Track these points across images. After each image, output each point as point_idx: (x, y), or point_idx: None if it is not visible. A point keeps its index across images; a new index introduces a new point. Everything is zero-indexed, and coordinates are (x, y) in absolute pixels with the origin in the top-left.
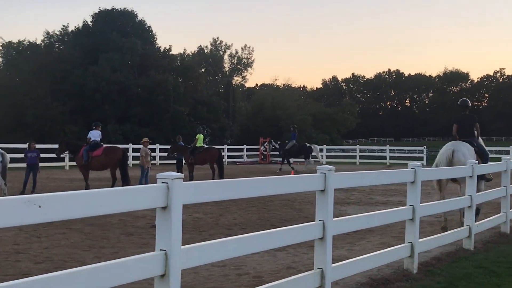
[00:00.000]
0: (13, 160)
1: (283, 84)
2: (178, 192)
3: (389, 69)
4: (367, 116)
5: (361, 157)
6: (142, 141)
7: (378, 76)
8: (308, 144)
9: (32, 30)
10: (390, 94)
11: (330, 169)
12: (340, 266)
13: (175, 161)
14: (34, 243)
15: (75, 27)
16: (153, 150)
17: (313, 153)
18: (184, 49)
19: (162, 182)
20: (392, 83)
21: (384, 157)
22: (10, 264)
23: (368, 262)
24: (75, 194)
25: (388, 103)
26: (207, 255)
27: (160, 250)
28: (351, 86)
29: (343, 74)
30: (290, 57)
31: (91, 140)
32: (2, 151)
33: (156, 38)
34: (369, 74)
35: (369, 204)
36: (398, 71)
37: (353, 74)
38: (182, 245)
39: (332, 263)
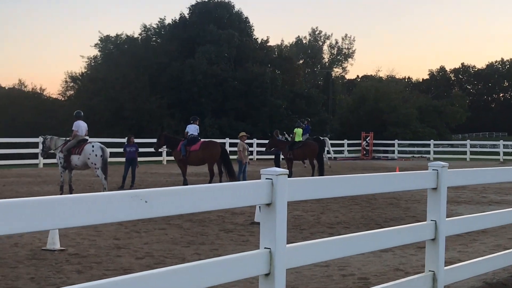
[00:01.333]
0: (112, 155)
1: (387, 75)
2: (283, 188)
3: (502, 59)
4: (478, 109)
5: (471, 152)
6: (239, 135)
7: (490, 66)
8: (321, 137)
9: (129, 24)
10: (504, 85)
11: (443, 165)
12: (453, 269)
13: (272, 156)
14: (134, 238)
15: (172, 19)
16: (250, 144)
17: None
18: (282, 40)
19: (266, 178)
20: (505, 74)
21: (497, 153)
22: (111, 259)
23: (483, 266)
24: (180, 189)
25: (501, 94)
26: (312, 254)
27: (265, 248)
28: (460, 76)
29: (451, 64)
30: (393, 46)
31: (188, 134)
32: (102, 145)
33: (253, 29)
34: (480, 63)
35: (481, 203)
36: None
37: (462, 64)
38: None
39: (444, 266)
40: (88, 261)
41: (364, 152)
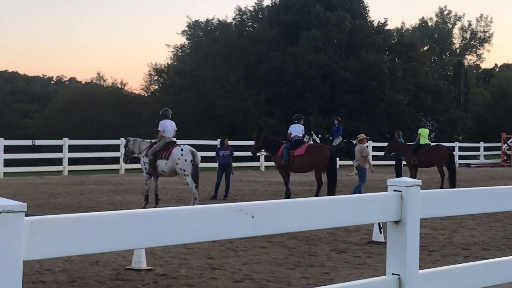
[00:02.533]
0: (202, 159)
1: None
2: (415, 203)
3: None
4: None
5: None
6: (358, 137)
7: None
8: (354, 141)
9: (222, 7)
10: None
11: None
12: None
13: (393, 162)
14: (231, 258)
15: (272, 1)
16: None
17: None
18: (403, 23)
19: (394, 190)
20: None
21: None
22: (205, 282)
23: None
24: (291, 203)
25: None
26: (448, 283)
27: (393, 274)
28: None
29: None
30: None
31: (292, 136)
32: (192, 149)
33: (368, 10)
34: None
35: None
36: None
37: None
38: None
39: None
40: (178, 283)
41: (505, 157)
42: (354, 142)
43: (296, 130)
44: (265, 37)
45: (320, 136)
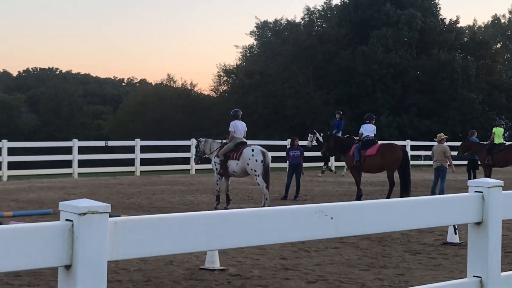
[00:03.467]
0: (272, 160)
1: None
2: (497, 204)
3: None
4: None
5: None
6: (438, 138)
7: None
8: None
9: (290, 7)
10: None
11: None
12: None
13: (465, 162)
14: (304, 258)
15: (341, 0)
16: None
17: None
18: (475, 20)
19: (475, 191)
20: None
21: None
22: (278, 282)
23: None
24: (371, 204)
25: None
26: None
27: (474, 276)
28: None
29: None
30: None
31: (364, 136)
32: (263, 149)
33: (439, 8)
34: None
35: None
36: None
37: None
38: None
39: None
40: (252, 283)
41: None
42: (356, 138)
43: (368, 130)
44: (334, 36)
45: (322, 134)
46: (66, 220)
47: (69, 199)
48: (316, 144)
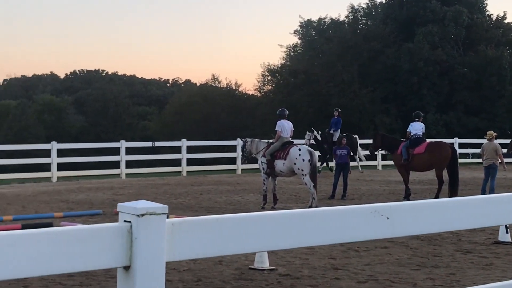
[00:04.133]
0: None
1: None
2: None
3: None
4: None
5: None
6: (488, 136)
7: None
8: (354, 136)
9: (334, 5)
10: None
11: None
12: None
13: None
14: (353, 258)
15: None
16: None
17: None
18: None
19: None
20: None
21: None
22: (328, 282)
23: None
24: (425, 204)
25: None
26: None
27: None
28: None
29: None
30: None
31: (411, 134)
32: (310, 149)
33: (486, 4)
34: None
35: None
36: None
37: None
38: None
39: None
40: (302, 283)
41: None
42: (354, 136)
43: (416, 128)
44: (379, 34)
45: (320, 132)
46: (125, 221)
47: (117, 200)
48: (314, 142)
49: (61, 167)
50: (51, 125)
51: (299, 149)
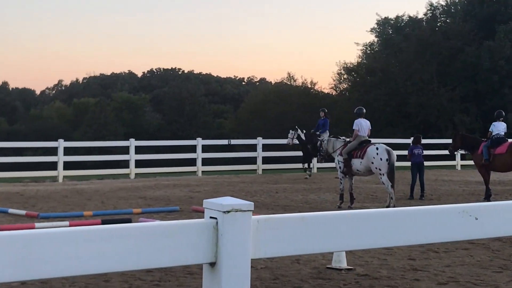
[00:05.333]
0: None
1: None
2: None
3: None
4: None
5: None
6: None
7: None
8: (343, 138)
9: (412, 3)
10: None
11: None
12: None
13: None
14: (433, 259)
15: None
16: None
17: None
18: None
19: None
20: None
21: None
22: (408, 283)
23: None
24: None
25: None
26: None
27: None
28: None
29: None
30: None
31: (493, 134)
32: (388, 148)
33: None
34: None
35: None
36: None
37: None
38: None
39: None
40: (381, 284)
41: None
42: (342, 138)
43: (498, 128)
44: (459, 32)
45: (305, 131)
46: (211, 217)
47: (194, 197)
48: (297, 142)
49: (138, 164)
50: (129, 122)
51: (377, 148)
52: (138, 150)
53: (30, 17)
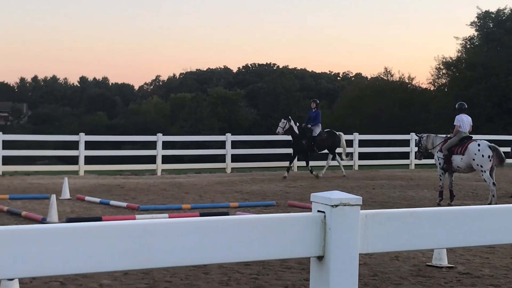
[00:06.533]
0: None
1: None
2: None
3: None
4: None
5: None
6: None
7: None
8: (337, 132)
9: None
10: None
11: None
12: None
13: None
14: None
15: None
16: None
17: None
18: None
19: None
20: None
21: None
22: (511, 282)
23: None
24: None
25: None
26: None
27: None
28: None
29: None
30: None
31: None
32: (491, 144)
33: None
34: None
35: None
36: None
37: None
38: None
39: None
40: (483, 282)
41: None
42: (337, 133)
43: None
44: None
45: (298, 124)
46: (318, 211)
47: (290, 192)
48: (289, 134)
49: (234, 158)
50: (224, 117)
51: (479, 144)
52: (234, 144)
53: (128, 16)
